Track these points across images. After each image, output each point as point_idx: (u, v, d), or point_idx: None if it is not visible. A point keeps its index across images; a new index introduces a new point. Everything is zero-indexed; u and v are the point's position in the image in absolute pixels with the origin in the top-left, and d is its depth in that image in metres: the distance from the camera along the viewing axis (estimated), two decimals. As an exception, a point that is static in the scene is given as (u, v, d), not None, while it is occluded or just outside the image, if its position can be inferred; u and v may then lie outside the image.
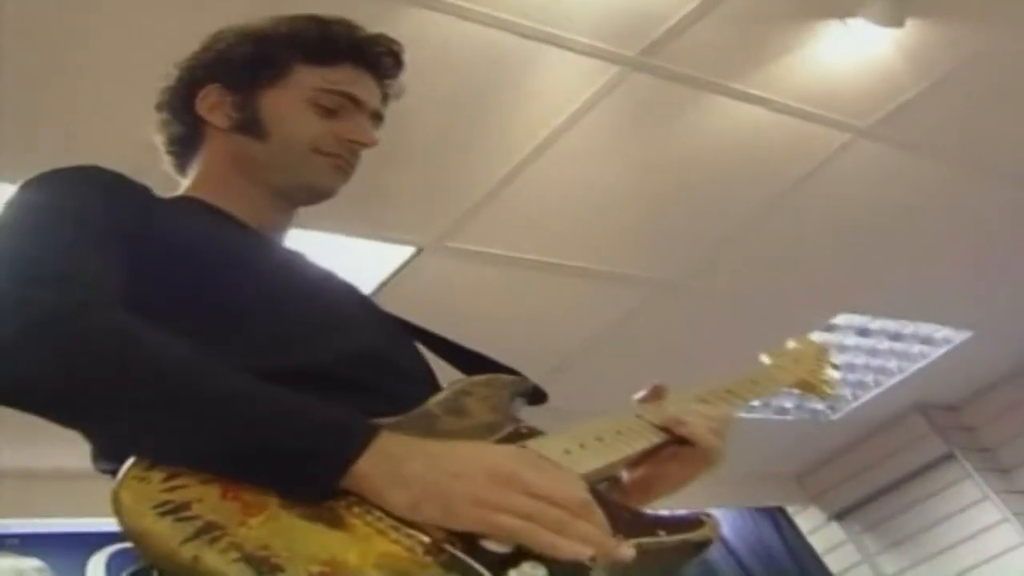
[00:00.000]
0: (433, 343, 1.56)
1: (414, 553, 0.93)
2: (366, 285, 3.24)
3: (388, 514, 0.96)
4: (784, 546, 6.71)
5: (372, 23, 1.57)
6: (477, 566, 0.93)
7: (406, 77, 1.62)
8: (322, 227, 3.20)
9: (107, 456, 1.19)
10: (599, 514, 1.04)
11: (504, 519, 0.98)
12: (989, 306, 5.53)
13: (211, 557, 0.88)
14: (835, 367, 1.92)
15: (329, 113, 1.50)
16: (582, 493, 1.05)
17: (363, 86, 1.54)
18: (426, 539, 0.93)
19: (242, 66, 1.51)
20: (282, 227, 1.57)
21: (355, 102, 1.52)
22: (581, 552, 0.97)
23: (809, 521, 7.02)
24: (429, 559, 0.92)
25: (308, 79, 1.50)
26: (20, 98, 2.61)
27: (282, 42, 1.52)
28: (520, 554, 0.95)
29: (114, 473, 1.02)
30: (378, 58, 1.56)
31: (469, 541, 0.96)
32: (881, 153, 4.01)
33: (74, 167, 1.34)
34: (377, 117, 1.58)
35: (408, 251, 3.77)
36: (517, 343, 1.33)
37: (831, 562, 6.81)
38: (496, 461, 1.04)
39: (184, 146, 1.56)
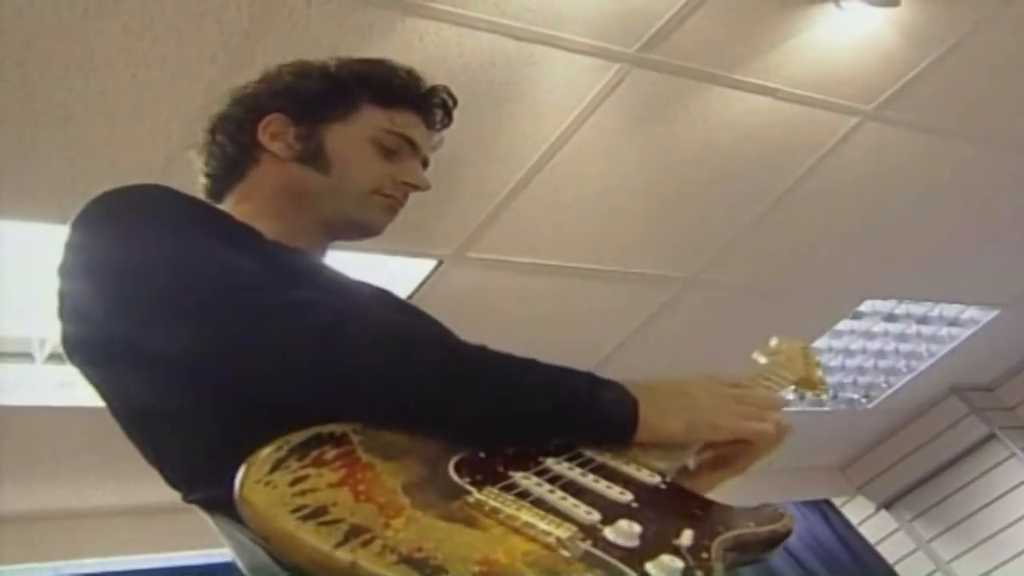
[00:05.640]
0: None
1: (552, 550, 0.90)
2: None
3: (518, 513, 0.95)
4: (836, 537, 6.68)
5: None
6: (613, 561, 0.91)
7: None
8: (343, 246, 3.17)
9: (196, 483, 1.21)
10: None
11: (767, 426, 1.26)
12: (1014, 282, 5.51)
13: (369, 561, 0.85)
14: (819, 364, 1.94)
15: (389, 154, 1.55)
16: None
17: (421, 132, 1.60)
18: (560, 535, 0.91)
19: (312, 99, 1.55)
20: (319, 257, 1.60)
21: (413, 146, 1.58)
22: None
23: (857, 512, 7.00)
24: (567, 554, 0.90)
25: (375, 119, 1.55)
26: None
27: (353, 80, 1.57)
28: (653, 547, 0.95)
29: (199, 503, 1.15)
30: (433, 109, 1.63)
31: (597, 536, 0.95)
32: (890, 134, 4.02)
33: (144, 186, 1.34)
34: (425, 164, 1.63)
35: (430, 264, 3.81)
36: (545, 348, 1.36)
37: (885, 551, 6.78)
38: (724, 387, 1.30)
39: (229, 171, 1.57)
